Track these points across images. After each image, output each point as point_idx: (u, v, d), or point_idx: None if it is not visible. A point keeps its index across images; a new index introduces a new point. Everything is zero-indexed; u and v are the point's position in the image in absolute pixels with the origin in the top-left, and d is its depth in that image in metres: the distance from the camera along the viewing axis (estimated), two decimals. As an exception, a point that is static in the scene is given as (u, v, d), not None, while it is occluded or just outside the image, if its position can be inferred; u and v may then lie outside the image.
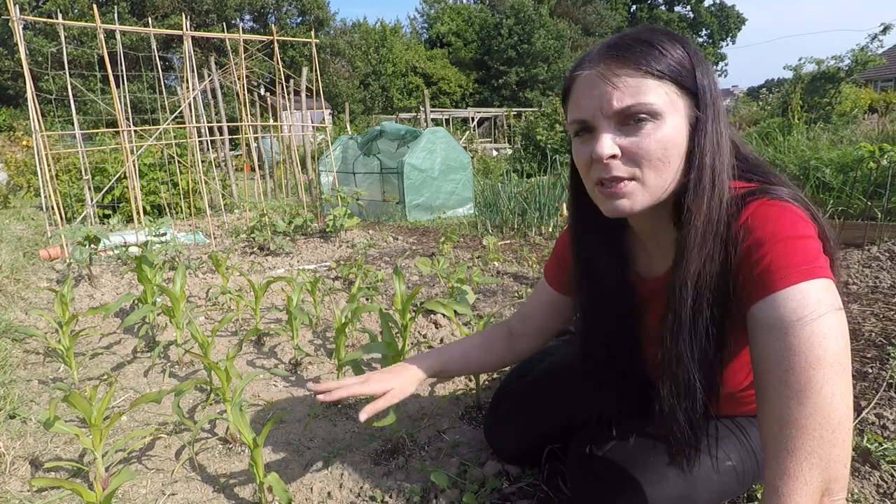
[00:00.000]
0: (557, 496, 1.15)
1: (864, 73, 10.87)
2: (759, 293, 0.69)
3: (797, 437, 0.64)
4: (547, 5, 34.22)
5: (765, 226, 0.72)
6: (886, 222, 3.42)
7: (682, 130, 0.75)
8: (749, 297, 0.71)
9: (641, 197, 0.77)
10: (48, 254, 4.01)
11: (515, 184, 6.27)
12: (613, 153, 0.75)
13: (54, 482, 1.02)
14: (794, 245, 0.69)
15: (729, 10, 41.30)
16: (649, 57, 0.74)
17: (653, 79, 0.73)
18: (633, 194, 0.77)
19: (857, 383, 1.53)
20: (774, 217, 0.72)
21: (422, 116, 11.31)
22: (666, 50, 0.75)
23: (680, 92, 0.75)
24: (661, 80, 0.74)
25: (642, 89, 0.73)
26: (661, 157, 0.75)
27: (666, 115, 0.74)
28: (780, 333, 0.66)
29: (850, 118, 8.67)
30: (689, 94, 0.76)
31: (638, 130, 0.74)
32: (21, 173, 8.47)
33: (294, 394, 1.79)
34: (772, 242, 0.70)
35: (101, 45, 4.05)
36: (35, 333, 2.01)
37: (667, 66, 0.74)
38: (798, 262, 0.68)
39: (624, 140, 0.75)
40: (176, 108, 5.49)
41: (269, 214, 4.53)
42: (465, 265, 2.61)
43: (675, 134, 0.75)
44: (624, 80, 0.74)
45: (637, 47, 0.75)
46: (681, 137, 0.75)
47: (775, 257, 0.69)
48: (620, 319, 0.95)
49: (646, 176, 0.76)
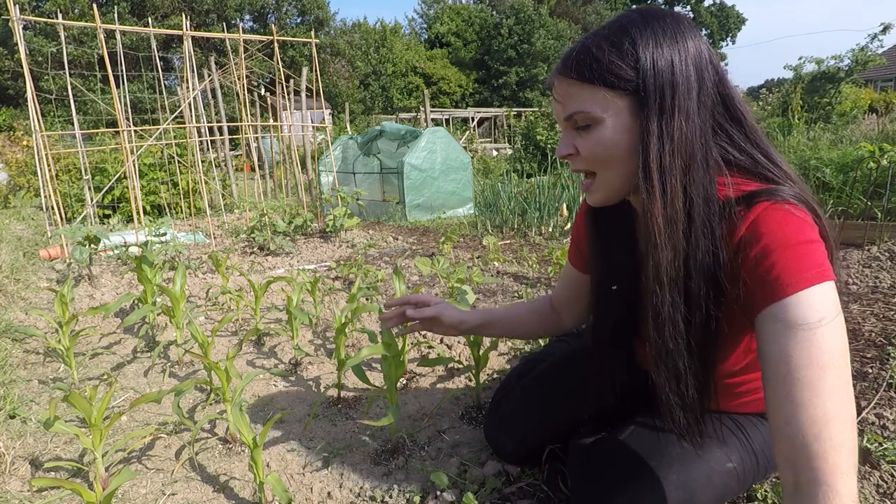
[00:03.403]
0: (557, 496, 1.15)
1: (864, 73, 10.88)
2: (770, 299, 0.71)
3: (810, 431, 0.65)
4: (547, 5, 34.22)
5: (773, 232, 0.72)
6: (886, 222, 3.42)
7: (627, 128, 0.79)
8: (757, 303, 0.72)
9: (601, 192, 0.86)
10: (48, 254, 4.01)
11: (515, 184, 6.28)
12: (568, 153, 0.84)
13: (54, 482, 1.02)
14: (802, 251, 0.70)
15: (729, 10, 41.32)
16: (583, 67, 0.79)
17: (588, 87, 0.79)
18: (595, 191, 0.87)
19: (857, 383, 1.53)
20: (782, 222, 0.72)
21: (422, 116, 11.31)
22: (601, 55, 0.78)
23: (617, 94, 0.77)
24: (595, 87, 0.78)
25: (579, 99, 0.80)
26: (605, 156, 0.81)
27: (605, 118, 0.79)
28: (791, 337, 0.68)
29: (850, 118, 8.68)
30: (628, 95, 0.77)
31: (586, 133, 0.82)
32: (21, 173, 8.45)
33: (294, 394, 1.79)
34: (781, 250, 0.71)
35: (101, 45, 4.05)
36: (35, 333, 2.01)
37: (598, 74, 0.78)
38: (806, 267, 0.69)
39: (578, 141, 0.83)
40: (176, 108, 5.49)
41: (269, 214, 4.53)
42: (465, 265, 2.61)
43: (617, 134, 0.79)
44: (565, 92, 0.82)
45: (576, 57, 0.80)
46: (626, 136, 0.79)
47: (785, 265, 0.70)
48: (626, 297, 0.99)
49: (599, 174, 0.84)
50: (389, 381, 1.34)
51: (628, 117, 0.78)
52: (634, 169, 0.79)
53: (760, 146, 0.82)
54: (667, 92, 0.75)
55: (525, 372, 1.32)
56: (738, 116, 0.81)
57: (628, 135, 0.78)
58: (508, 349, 2.05)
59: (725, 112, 0.81)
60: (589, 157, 0.83)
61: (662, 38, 0.77)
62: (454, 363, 1.76)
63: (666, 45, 0.76)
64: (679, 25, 0.78)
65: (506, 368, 1.89)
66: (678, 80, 0.76)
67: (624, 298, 0.99)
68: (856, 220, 3.60)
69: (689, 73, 0.76)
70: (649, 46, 0.76)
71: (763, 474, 1.03)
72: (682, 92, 0.76)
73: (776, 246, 0.71)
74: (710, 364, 0.83)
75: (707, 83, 0.78)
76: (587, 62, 0.78)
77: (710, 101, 0.79)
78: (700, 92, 0.77)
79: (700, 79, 0.77)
